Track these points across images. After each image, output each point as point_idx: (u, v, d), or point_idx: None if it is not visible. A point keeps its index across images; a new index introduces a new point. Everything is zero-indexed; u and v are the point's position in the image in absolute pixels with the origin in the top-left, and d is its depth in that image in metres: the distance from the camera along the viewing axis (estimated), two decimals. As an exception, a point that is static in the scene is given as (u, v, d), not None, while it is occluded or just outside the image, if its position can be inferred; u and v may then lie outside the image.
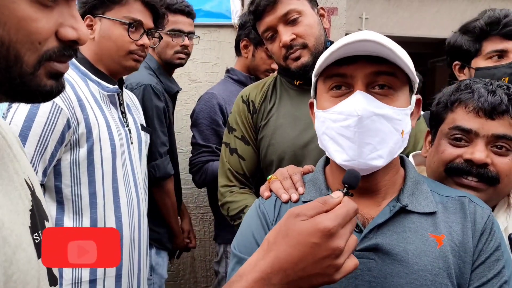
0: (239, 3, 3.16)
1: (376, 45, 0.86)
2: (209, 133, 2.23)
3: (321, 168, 1.06)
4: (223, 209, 1.71)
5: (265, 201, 1.08)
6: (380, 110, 0.89)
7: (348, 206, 0.75)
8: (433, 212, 0.95)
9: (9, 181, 0.66)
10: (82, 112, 1.45)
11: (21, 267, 0.61)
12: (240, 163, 1.69)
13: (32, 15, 0.58)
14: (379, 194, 0.98)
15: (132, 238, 1.56)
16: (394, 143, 0.92)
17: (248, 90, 1.75)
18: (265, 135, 1.65)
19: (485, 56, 1.66)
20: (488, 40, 1.65)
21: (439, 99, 1.19)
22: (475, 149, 1.09)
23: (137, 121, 1.75)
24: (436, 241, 0.92)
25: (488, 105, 1.08)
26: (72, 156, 1.43)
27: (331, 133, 0.94)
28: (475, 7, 5.09)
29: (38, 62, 0.60)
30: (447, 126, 1.14)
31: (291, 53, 1.55)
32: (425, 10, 5.33)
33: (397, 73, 0.91)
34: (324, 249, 0.71)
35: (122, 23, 1.56)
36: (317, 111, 0.99)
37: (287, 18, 1.55)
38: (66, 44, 0.63)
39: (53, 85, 0.64)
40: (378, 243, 0.91)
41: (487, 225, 0.95)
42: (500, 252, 0.93)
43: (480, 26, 1.65)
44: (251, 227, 1.03)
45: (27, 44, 0.58)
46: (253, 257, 0.77)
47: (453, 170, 1.12)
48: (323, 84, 0.97)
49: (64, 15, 0.62)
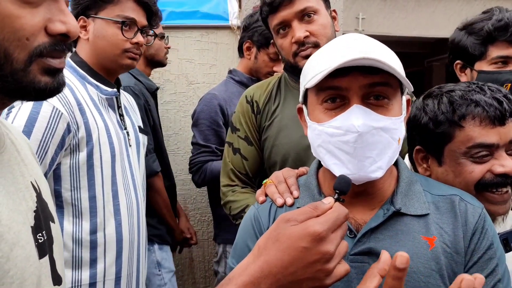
0: (236, 4, 3.17)
1: (373, 62, 0.86)
2: (210, 134, 2.25)
3: (314, 172, 1.06)
4: (226, 208, 1.72)
5: (260, 206, 1.08)
6: (379, 123, 0.88)
7: (338, 211, 0.75)
8: (425, 214, 0.95)
9: (13, 182, 0.68)
10: (82, 116, 1.45)
11: (18, 264, 0.62)
12: (243, 163, 1.69)
13: (14, 12, 0.59)
14: (374, 198, 0.98)
15: (131, 241, 1.56)
16: (392, 152, 0.92)
17: (252, 90, 1.74)
18: (269, 135, 1.65)
19: (489, 61, 1.61)
20: (494, 45, 1.60)
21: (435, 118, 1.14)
22: (502, 162, 1.08)
23: (134, 123, 1.76)
24: (428, 243, 0.92)
25: (498, 112, 1.07)
26: (72, 160, 1.43)
27: (328, 146, 0.93)
28: (471, 7, 5.11)
29: (29, 58, 0.61)
30: (463, 145, 1.10)
31: (302, 50, 1.54)
32: (421, 10, 5.34)
33: (390, 81, 0.91)
34: (314, 253, 0.71)
35: (115, 22, 1.56)
36: (310, 122, 0.97)
37: (303, 14, 1.54)
38: (57, 39, 0.64)
39: (48, 81, 0.64)
40: (372, 247, 0.92)
41: (479, 224, 0.94)
42: (492, 250, 0.93)
43: (488, 30, 1.58)
44: (245, 238, 1.03)
45: (14, 41, 0.59)
46: (244, 261, 0.76)
47: (485, 185, 1.10)
48: (315, 96, 0.94)
49: (52, 10, 0.63)
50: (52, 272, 0.72)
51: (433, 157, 1.17)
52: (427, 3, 5.33)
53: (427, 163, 1.20)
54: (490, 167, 1.09)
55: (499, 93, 1.11)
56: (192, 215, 3.04)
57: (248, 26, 2.32)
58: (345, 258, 0.90)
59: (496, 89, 1.12)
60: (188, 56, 3.08)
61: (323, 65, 0.89)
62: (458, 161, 1.12)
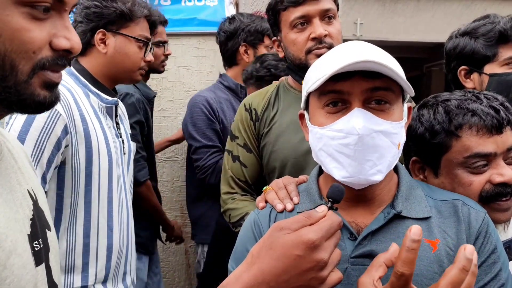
0: (234, 11, 3.17)
1: (374, 65, 0.86)
2: (211, 134, 2.27)
3: (314, 178, 1.06)
4: (225, 216, 1.72)
5: (260, 212, 1.08)
6: (379, 127, 0.89)
7: (332, 220, 0.76)
8: (427, 217, 0.95)
9: (10, 190, 0.70)
10: (81, 123, 1.47)
11: (15, 272, 0.63)
12: (242, 171, 1.70)
13: (25, 26, 0.62)
14: (374, 202, 0.98)
15: (120, 246, 1.59)
16: (391, 156, 0.93)
17: (251, 98, 1.75)
18: (268, 141, 1.66)
19: (501, 62, 1.57)
20: (506, 46, 1.57)
21: (431, 128, 1.12)
22: (500, 171, 1.07)
23: (127, 131, 1.80)
24: (430, 246, 0.92)
25: (495, 121, 1.06)
26: (72, 166, 1.45)
27: (329, 150, 0.93)
28: (471, 11, 5.11)
29: (32, 70, 0.64)
30: (460, 155, 1.09)
31: (318, 48, 1.53)
32: (420, 15, 5.34)
33: (392, 87, 0.91)
34: (307, 261, 0.72)
35: (137, 41, 1.65)
36: (312, 126, 0.98)
37: (326, 15, 1.56)
38: (59, 54, 0.67)
39: (46, 95, 0.66)
40: (373, 249, 0.92)
41: (482, 228, 0.94)
42: (496, 255, 0.93)
43: (502, 30, 1.54)
44: (245, 242, 1.04)
45: (21, 53, 0.62)
46: (238, 269, 0.77)
47: (490, 198, 1.09)
48: (317, 100, 0.96)
49: (57, 26, 0.66)
50: (48, 280, 0.74)
51: (430, 168, 1.16)
52: (426, 7, 5.33)
53: (423, 174, 1.19)
54: (489, 177, 1.08)
55: (496, 101, 1.10)
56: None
57: (234, 33, 2.32)
58: (346, 261, 0.92)
59: (492, 97, 1.11)
60: (186, 63, 3.08)
61: (325, 70, 0.90)
62: (455, 172, 1.10)
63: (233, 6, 3.20)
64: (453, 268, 0.73)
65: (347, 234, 0.95)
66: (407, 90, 0.94)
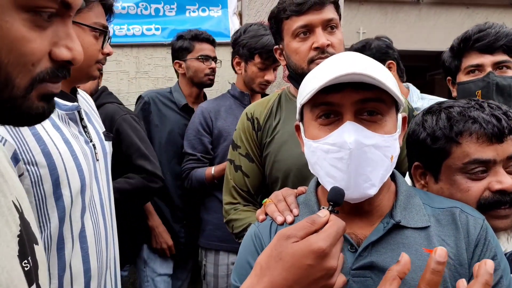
0: (237, 21, 3.20)
1: (362, 77, 0.87)
2: (196, 143, 2.42)
3: (313, 189, 1.07)
4: (228, 227, 1.71)
5: (261, 224, 1.08)
6: (370, 140, 0.89)
7: (337, 225, 0.76)
8: (426, 226, 0.95)
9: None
10: (37, 143, 1.22)
11: None
12: (245, 180, 1.69)
13: (26, 36, 0.55)
14: (372, 213, 0.98)
15: (100, 267, 1.40)
16: (384, 169, 0.92)
17: (253, 107, 1.74)
18: (270, 151, 1.64)
19: (464, 71, 1.71)
20: (466, 56, 1.70)
21: (432, 133, 1.14)
22: (500, 178, 1.07)
23: (99, 131, 1.54)
24: (430, 255, 0.91)
25: (496, 130, 1.06)
26: (36, 197, 1.22)
27: (323, 163, 0.93)
28: (472, 20, 5.14)
29: (31, 85, 0.57)
30: (459, 161, 1.09)
31: (321, 58, 1.51)
32: (422, 24, 5.37)
33: (383, 98, 0.91)
34: (318, 269, 0.72)
35: (92, 30, 1.37)
36: (306, 139, 0.98)
37: (328, 24, 1.55)
38: (59, 64, 0.60)
39: (44, 107, 0.61)
40: (373, 261, 0.91)
41: (481, 235, 0.94)
42: (496, 262, 0.92)
43: (455, 43, 1.72)
44: (246, 256, 1.04)
45: (19, 66, 0.55)
46: (247, 282, 0.76)
47: (488, 205, 1.09)
48: (310, 112, 0.96)
49: (59, 34, 0.60)
50: None
51: (431, 173, 1.17)
52: (428, 16, 5.36)
53: (425, 179, 1.19)
54: (488, 184, 1.08)
55: (499, 110, 1.10)
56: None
57: (235, 43, 2.41)
58: (347, 273, 0.91)
59: (496, 106, 1.12)
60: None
61: (316, 82, 0.90)
62: (454, 177, 1.11)
63: (237, 17, 3.23)
64: (476, 283, 0.72)
65: (347, 246, 0.94)
66: (399, 101, 0.94)
